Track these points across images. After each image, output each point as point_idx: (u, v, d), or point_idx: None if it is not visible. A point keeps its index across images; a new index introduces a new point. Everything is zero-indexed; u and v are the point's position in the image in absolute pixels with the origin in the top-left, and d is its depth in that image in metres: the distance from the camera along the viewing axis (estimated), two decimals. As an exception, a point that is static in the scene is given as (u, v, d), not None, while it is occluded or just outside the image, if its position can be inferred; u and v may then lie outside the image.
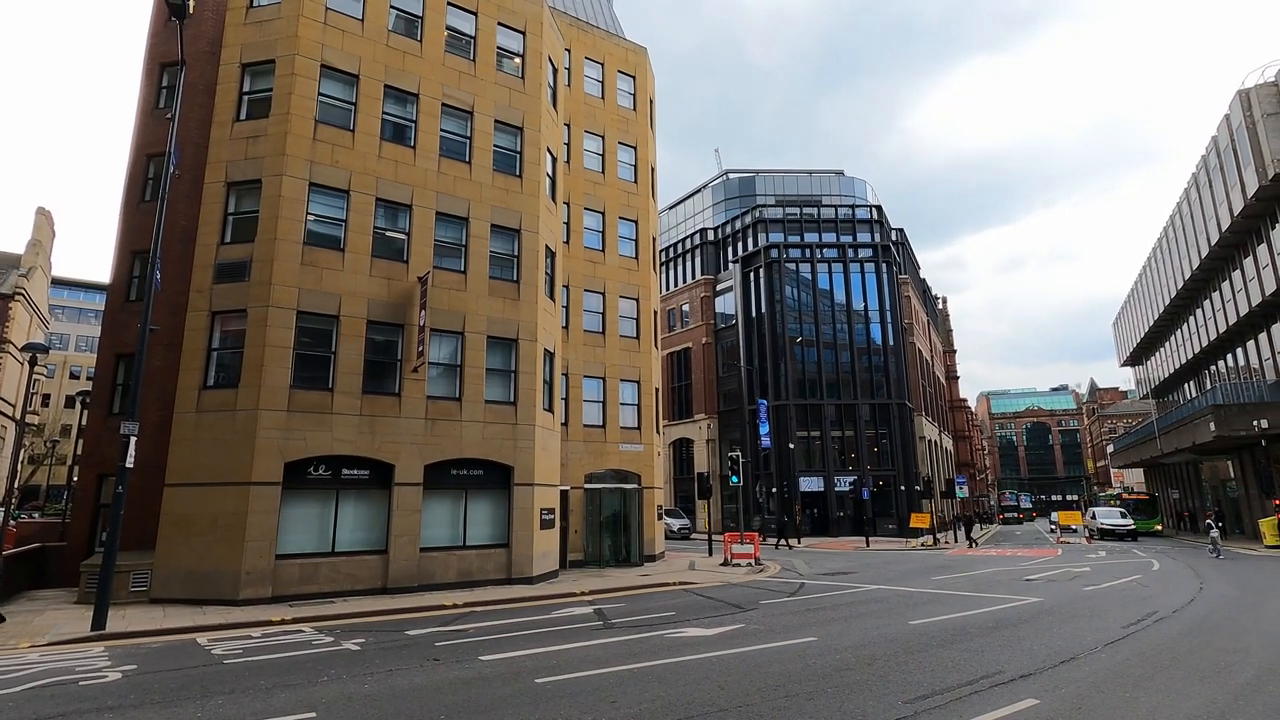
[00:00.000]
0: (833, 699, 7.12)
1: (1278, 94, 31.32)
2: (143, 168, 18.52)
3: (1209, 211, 38.82)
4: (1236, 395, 36.22)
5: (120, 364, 17.54)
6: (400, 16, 18.61)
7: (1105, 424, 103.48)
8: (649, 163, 27.46)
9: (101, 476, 16.89)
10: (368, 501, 16.14)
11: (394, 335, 17.01)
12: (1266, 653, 9.31)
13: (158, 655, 9.82)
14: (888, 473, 44.78)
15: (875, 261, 47.79)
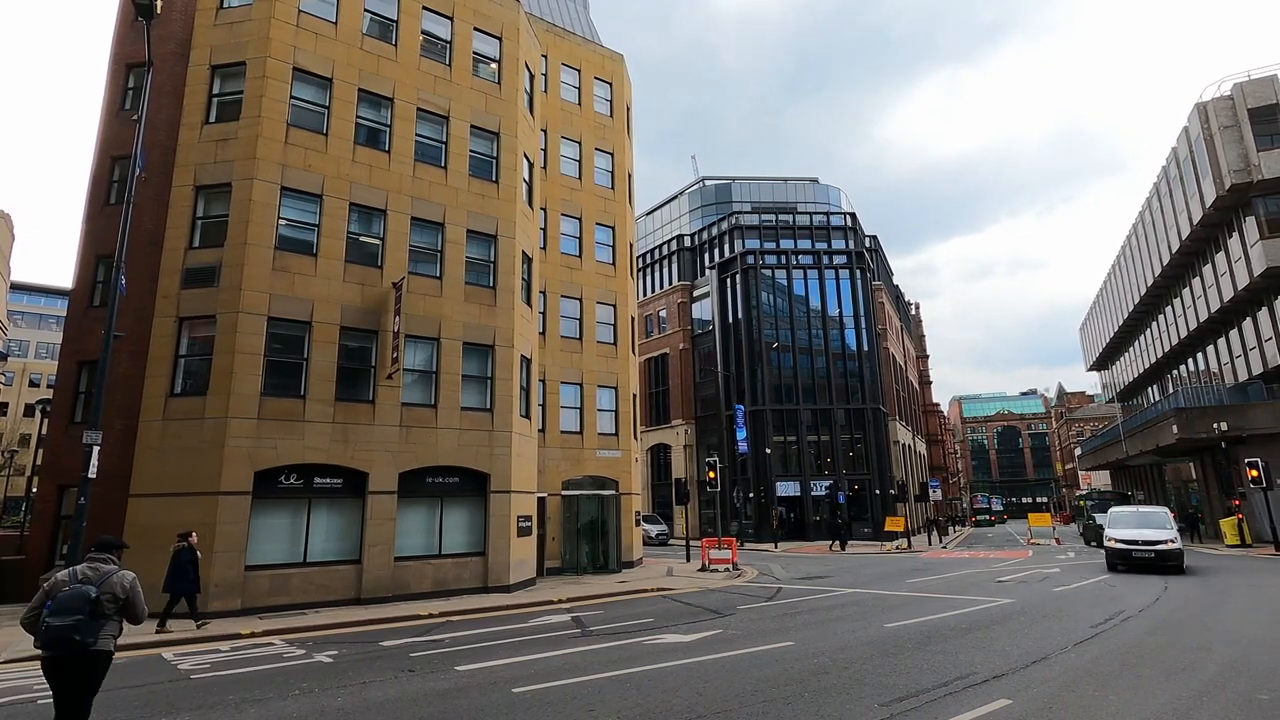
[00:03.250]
0: (810, 703, 7.15)
1: (1233, 108, 32.46)
2: (108, 170, 18.07)
3: (1170, 220, 40.04)
4: (1198, 399, 37.34)
5: (83, 371, 17.04)
6: (375, 20, 18.45)
7: (1073, 427, 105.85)
8: (626, 169, 27.52)
9: (62, 488, 16.37)
10: (341, 510, 15.88)
11: (368, 341, 16.80)
12: (1229, 650, 9.56)
13: (122, 671, 9.52)
14: (863, 477, 45.25)
15: (850, 268, 48.40)
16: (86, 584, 5.35)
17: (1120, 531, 20.94)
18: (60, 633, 5.13)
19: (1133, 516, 22.27)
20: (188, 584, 12.33)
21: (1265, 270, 30.81)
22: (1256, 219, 31.52)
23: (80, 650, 5.20)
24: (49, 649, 5.19)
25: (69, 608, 5.18)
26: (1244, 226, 32.83)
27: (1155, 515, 21.75)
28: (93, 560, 5.61)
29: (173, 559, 12.49)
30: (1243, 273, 33.08)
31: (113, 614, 5.43)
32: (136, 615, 5.62)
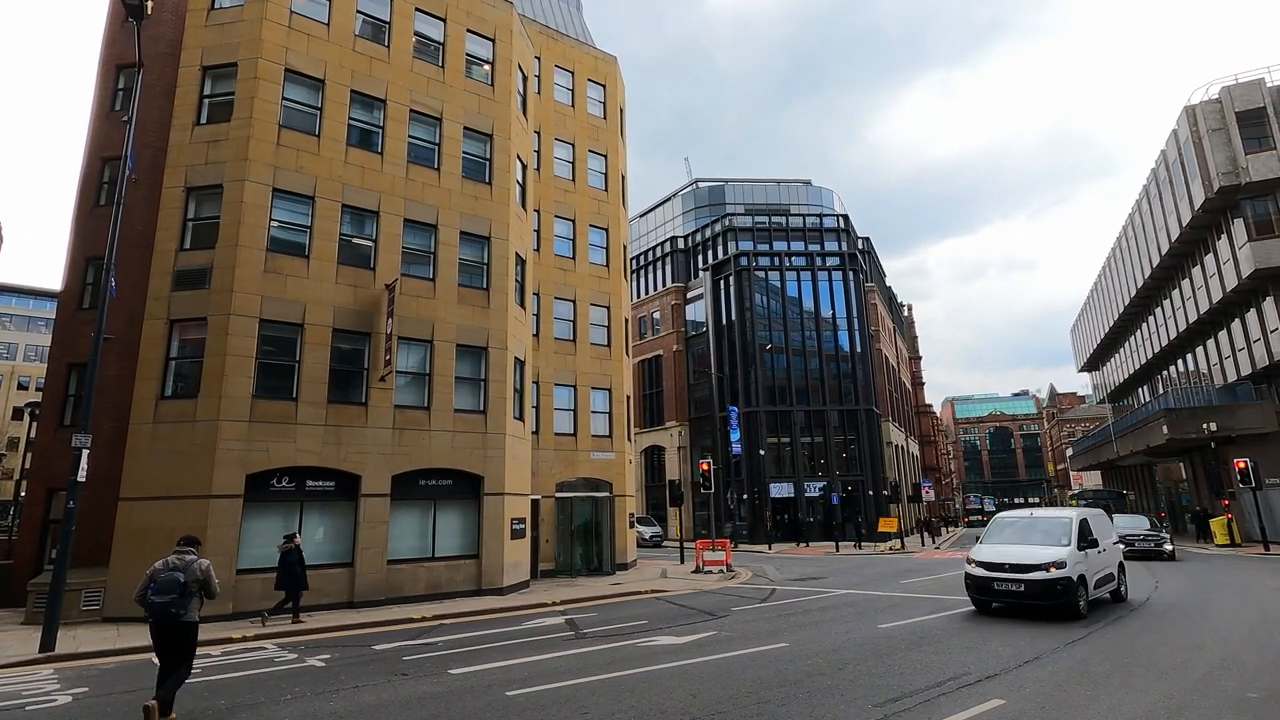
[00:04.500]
0: (805, 705, 7.15)
1: (1221, 111, 32.75)
2: (98, 171, 17.97)
3: (1160, 222, 40.35)
4: (1187, 399, 37.64)
5: (72, 374, 16.92)
6: (367, 21, 18.40)
7: (1064, 428, 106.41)
8: (619, 171, 27.53)
9: (51, 491, 16.25)
10: (333, 513, 15.80)
11: (360, 344, 16.73)
12: (1220, 648, 9.63)
13: (111, 677, 9.44)
14: (856, 478, 45.36)
15: (843, 270, 48.55)
16: (176, 571, 7.14)
17: (991, 550, 12.91)
18: (160, 607, 7.00)
19: (1019, 527, 13.71)
20: (295, 581, 13.28)
21: (1253, 272, 31.09)
22: (1245, 221, 31.81)
23: (174, 620, 7.05)
24: (152, 618, 7.07)
25: (165, 588, 7.04)
26: (1232, 228, 33.13)
27: (1052, 523, 13.16)
28: (179, 551, 7.36)
29: (281, 560, 13.35)
30: (1231, 274, 33.38)
31: (195, 592, 7.20)
32: (211, 592, 7.36)
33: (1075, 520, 12.93)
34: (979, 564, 12.76)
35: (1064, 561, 11.83)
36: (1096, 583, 12.70)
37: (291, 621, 13.26)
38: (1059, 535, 12.67)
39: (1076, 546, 12.23)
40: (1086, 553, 12.39)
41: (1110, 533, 14.37)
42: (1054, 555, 11.97)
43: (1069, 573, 11.72)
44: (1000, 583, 12.27)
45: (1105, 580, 13.28)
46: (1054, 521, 13.22)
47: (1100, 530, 13.61)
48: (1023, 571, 12.00)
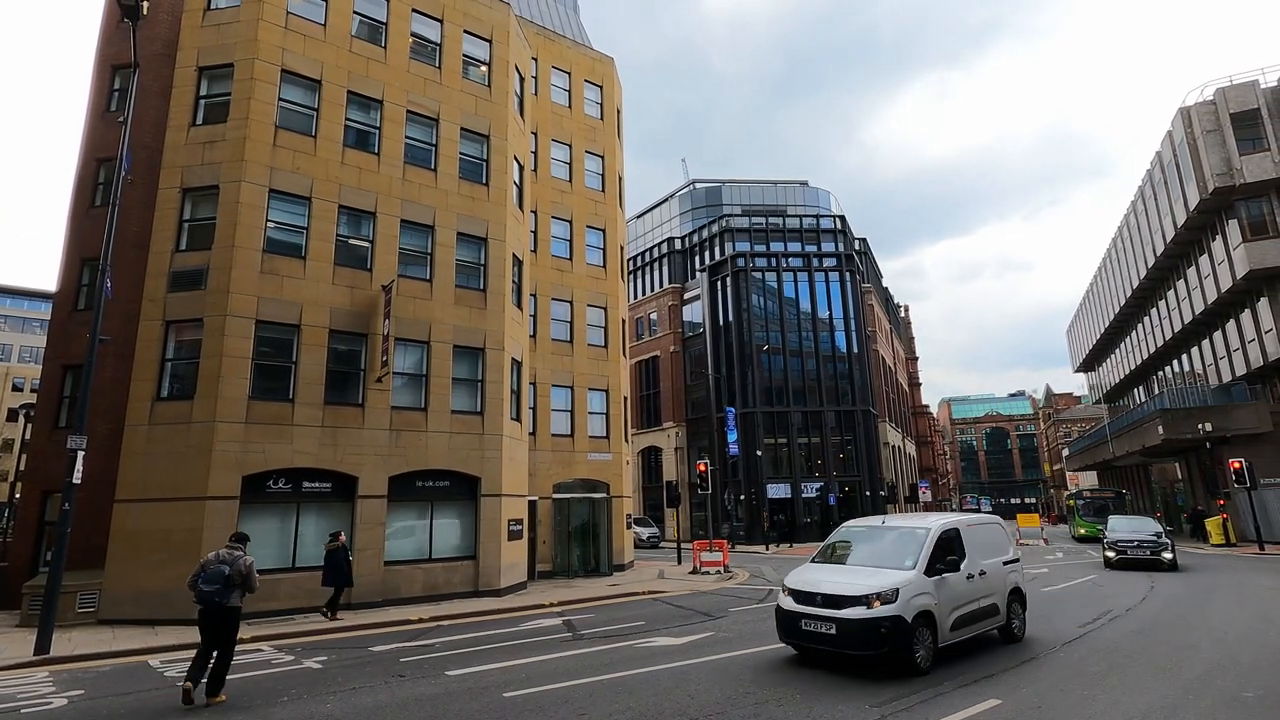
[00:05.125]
0: (802, 705, 7.16)
1: (1216, 112, 32.89)
2: (93, 172, 17.91)
3: (1155, 223, 40.51)
4: (1182, 400, 37.74)
5: (68, 375, 16.85)
6: (364, 22, 18.39)
7: (1060, 428, 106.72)
8: (616, 172, 27.54)
9: (46, 493, 16.18)
10: (330, 515, 15.76)
11: (357, 345, 16.70)
12: (1214, 648, 9.66)
13: (106, 679, 9.41)
14: (853, 478, 45.42)
15: (839, 270, 48.63)
16: (223, 564, 8.09)
17: (805, 575, 9.57)
18: (207, 595, 7.96)
19: (857, 542, 10.26)
20: (341, 577, 13.89)
21: (1248, 273, 31.23)
22: (1239, 222, 31.95)
23: (219, 606, 7.97)
24: (200, 604, 8.01)
25: (212, 579, 7.99)
26: (1227, 229, 33.27)
27: (901, 537, 9.71)
28: (230, 547, 8.33)
29: (328, 558, 13.97)
30: (1226, 275, 33.52)
31: (238, 584, 8.09)
32: (251, 586, 8.22)
33: (933, 533, 9.38)
34: (790, 592, 9.19)
35: (893, 592, 8.35)
36: (959, 621, 9.11)
37: (329, 618, 13.70)
38: (903, 554, 9.20)
39: (924, 570, 8.83)
40: (944, 578, 8.97)
41: (1004, 548, 10.78)
42: (881, 583, 8.51)
43: (898, 609, 8.22)
44: (809, 621, 8.65)
45: (980, 615, 9.63)
46: (904, 535, 9.70)
47: (979, 545, 10.06)
48: (836, 606, 8.48)
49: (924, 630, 8.54)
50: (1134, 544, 21.29)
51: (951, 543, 9.63)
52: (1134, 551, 21.17)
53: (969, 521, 10.33)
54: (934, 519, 10.08)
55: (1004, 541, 11.04)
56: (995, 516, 11.77)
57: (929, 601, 8.68)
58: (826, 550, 10.38)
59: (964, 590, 9.37)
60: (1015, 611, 10.57)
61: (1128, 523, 23.50)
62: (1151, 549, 20.95)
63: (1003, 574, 10.43)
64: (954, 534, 9.76)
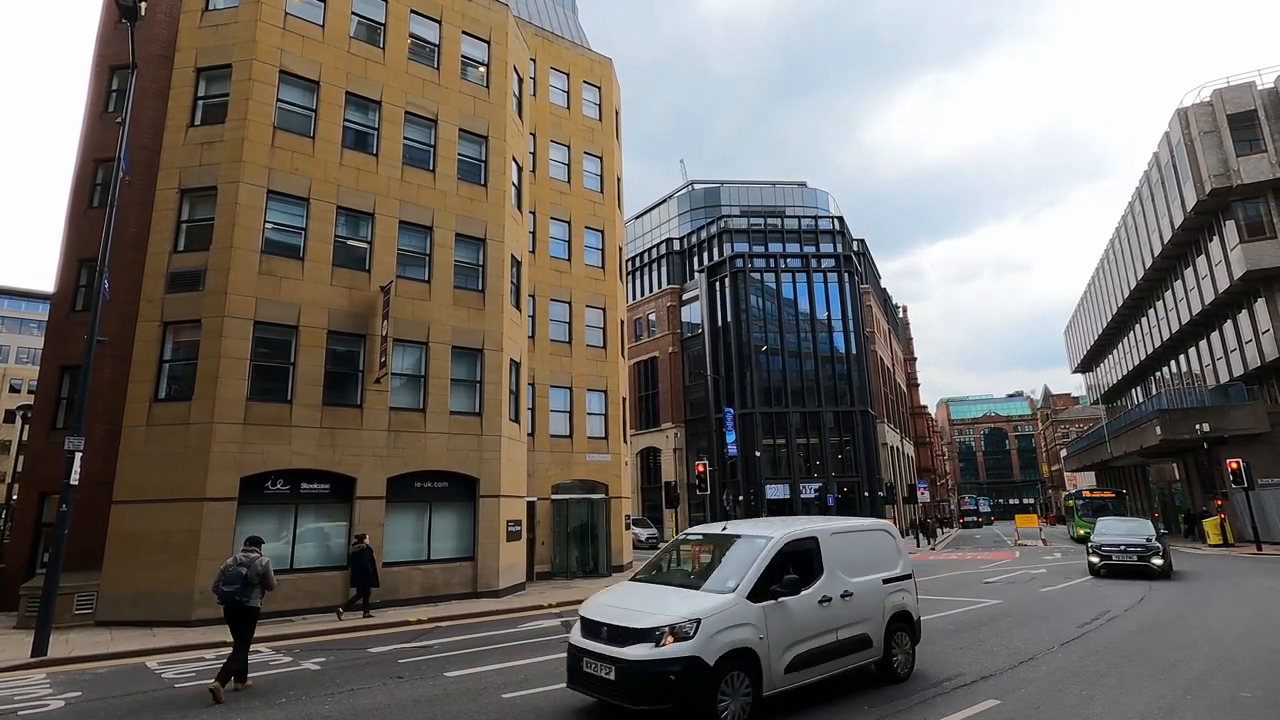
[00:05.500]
0: (800, 705, 7.15)
1: (1213, 113, 32.97)
2: (91, 173, 17.88)
3: (1152, 224, 40.59)
4: (1180, 400, 37.79)
5: (65, 376, 16.82)
6: (362, 23, 18.38)
7: (1059, 429, 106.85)
8: (615, 173, 27.55)
9: (44, 494, 16.15)
10: (328, 516, 15.75)
11: (356, 346, 16.69)
12: (1212, 649, 9.68)
13: (104, 681, 9.39)
14: (852, 479, 45.44)
15: (838, 271, 48.66)
16: (241, 566, 8.72)
17: (605, 601, 7.53)
18: (227, 595, 8.61)
19: (683, 556, 8.79)
20: (367, 578, 14.34)
21: (1245, 274, 31.29)
22: (1236, 223, 32.02)
23: (239, 605, 8.64)
24: (223, 604, 8.70)
25: (231, 580, 8.64)
26: (1224, 230, 33.34)
27: (741, 550, 7.59)
28: (246, 550, 8.96)
29: (353, 559, 14.45)
30: (1223, 276, 33.58)
31: (256, 584, 8.71)
32: (268, 584, 8.87)
33: (771, 545, 7.24)
34: (580, 622, 7.23)
35: (691, 625, 6.32)
36: (802, 658, 6.98)
37: (362, 616, 14.04)
38: (729, 573, 7.11)
39: (749, 594, 6.72)
40: (781, 604, 6.83)
41: (887, 562, 8.47)
42: (681, 612, 6.50)
43: (694, 649, 6.22)
44: (591, 661, 6.68)
45: (840, 650, 7.39)
46: (741, 547, 7.56)
47: (848, 559, 7.86)
48: (620, 642, 6.48)
49: (738, 676, 6.44)
50: (1120, 549, 19.22)
51: (802, 558, 7.50)
52: (1120, 557, 19.13)
53: (836, 529, 8.14)
54: (786, 525, 7.96)
55: (888, 554, 8.67)
56: (883, 522, 9.38)
57: (749, 636, 6.51)
58: (653, 565, 8.32)
59: (813, 619, 7.15)
60: (899, 643, 8.21)
61: (1117, 525, 21.15)
62: (1139, 554, 18.87)
63: (880, 595, 8.09)
64: (809, 546, 7.62)
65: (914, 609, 8.69)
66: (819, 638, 7.24)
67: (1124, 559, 19.09)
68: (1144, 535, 19.65)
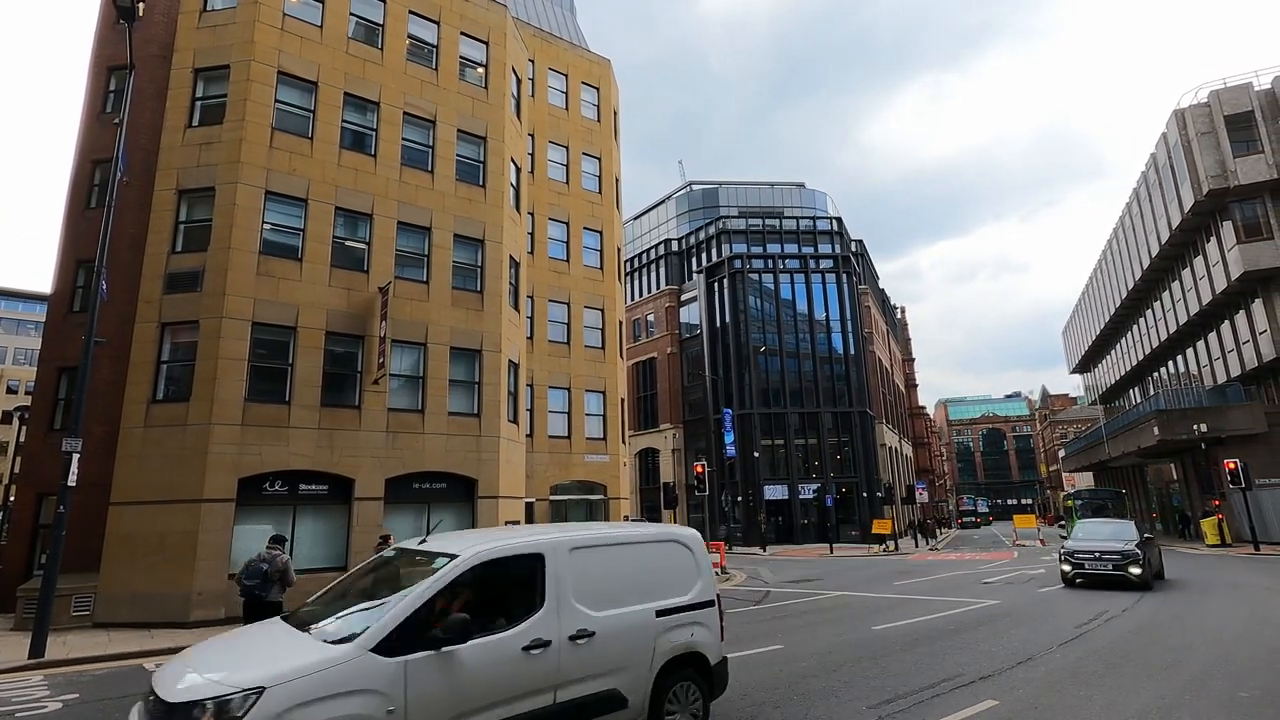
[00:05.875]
0: (799, 706, 7.16)
1: (1210, 115, 33.03)
2: (88, 173, 17.86)
3: (1150, 225, 40.65)
4: (1178, 400, 37.85)
5: (63, 377, 16.80)
6: (360, 24, 18.38)
7: (1057, 429, 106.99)
8: (613, 173, 27.56)
9: (41, 496, 16.11)
10: (327, 517, 15.72)
11: (354, 347, 16.68)
12: (1209, 649, 9.69)
13: (102, 683, 9.37)
14: (850, 480, 45.46)
15: (836, 272, 48.71)
16: (263, 562, 9.54)
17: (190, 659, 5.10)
18: (248, 589, 9.44)
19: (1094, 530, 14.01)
20: None
21: (1242, 274, 31.35)
22: (1233, 224, 32.08)
23: (259, 599, 9.40)
24: (243, 597, 9.55)
25: (252, 575, 9.50)
26: (1221, 231, 33.41)
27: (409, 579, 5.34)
28: (269, 548, 9.88)
29: None
30: (1220, 276, 33.65)
31: (275, 579, 9.53)
32: (288, 581, 9.71)
33: (451, 568, 5.08)
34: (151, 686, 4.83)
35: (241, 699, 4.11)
36: None
37: None
38: (371, 612, 4.99)
39: (383, 642, 4.56)
40: (447, 654, 4.69)
41: (673, 584, 6.25)
42: (243, 678, 4.28)
43: None
44: None
45: (563, 713, 5.17)
46: (420, 569, 5.42)
47: (599, 584, 5.71)
48: None
49: None
50: (1093, 555, 16.87)
51: (512, 584, 5.42)
52: (1094, 565, 16.73)
53: (578, 541, 5.82)
54: (495, 538, 5.69)
55: (675, 575, 6.38)
56: (677, 530, 6.87)
57: (367, 710, 4.33)
58: (338, 592, 5.83)
59: (510, 675, 4.98)
60: (680, 699, 5.97)
61: (1098, 528, 18.72)
62: (1115, 563, 16.41)
63: (648, 633, 5.85)
64: (526, 567, 5.44)
65: (712, 648, 6.33)
66: (517, 703, 4.95)
67: (1098, 568, 16.68)
68: (1125, 540, 17.15)
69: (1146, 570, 16.38)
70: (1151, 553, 17.54)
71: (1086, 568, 16.87)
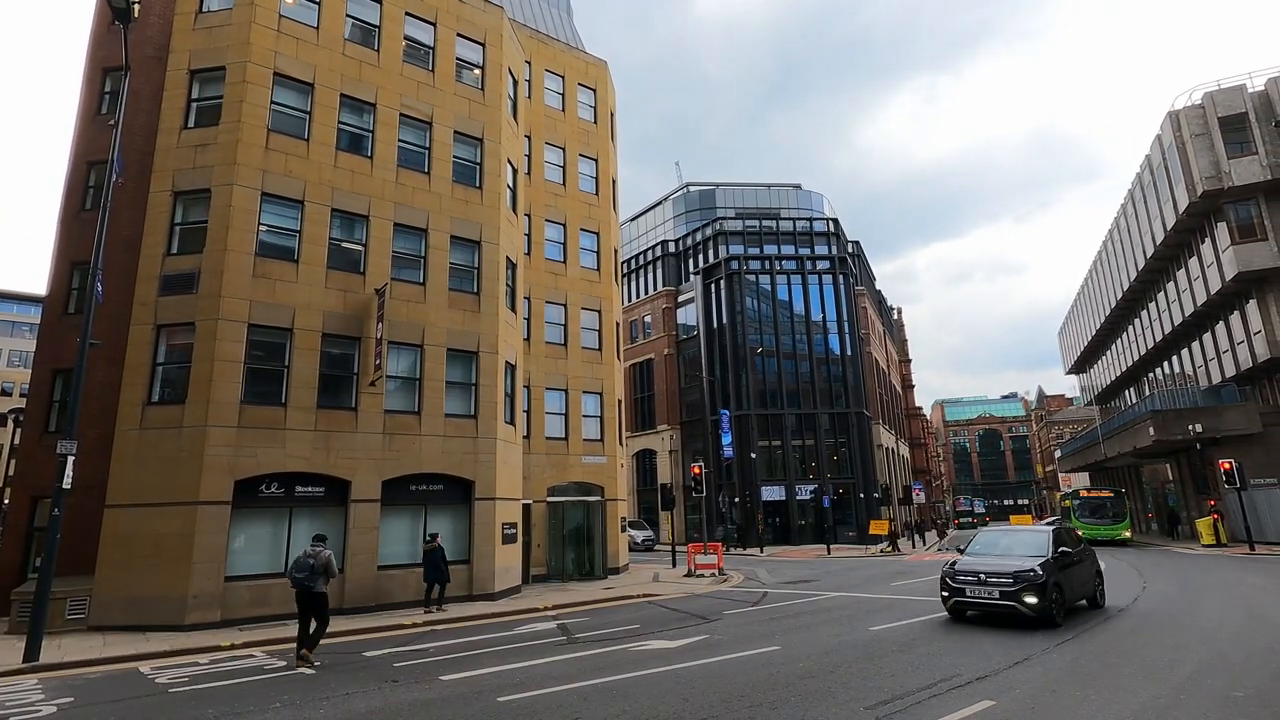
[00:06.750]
0: (797, 708, 7.16)
1: (1204, 116, 33.17)
2: (83, 175, 17.80)
3: (1145, 226, 40.79)
4: (1173, 401, 37.96)
5: (57, 380, 16.72)
6: (357, 25, 18.36)
7: (1053, 430, 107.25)
8: (610, 175, 27.56)
9: (36, 498, 16.03)
10: (323, 519, 15.67)
11: (350, 348, 16.65)
12: (1205, 648, 9.72)
13: (97, 686, 9.33)
14: (847, 481, 45.49)
15: (833, 273, 48.77)
16: (310, 557, 10.46)
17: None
18: (299, 581, 10.41)
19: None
20: (440, 575, 15.28)
21: (1237, 275, 31.47)
22: (1228, 225, 32.21)
23: (308, 589, 10.39)
24: (295, 588, 10.50)
25: (301, 568, 10.44)
26: (1216, 232, 33.54)
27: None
28: (314, 544, 10.72)
29: (426, 557, 15.39)
30: (1215, 277, 33.77)
31: (321, 572, 10.42)
32: (331, 573, 10.60)
33: None
34: None
35: None
36: None
37: (437, 610, 15.06)
38: None
39: None
40: None
41: None
42: None
43: None
44: None
45: None
46: None
47: None
48: None
49: None
50: (976, 579, 11.89)
51: None
52: (975, 591, 11.82)
53: None
54: None
55: None
56: None
57: None
58: None
59: None
60: None
61: (998, 539, 13.72)
62: (1004, 588, 11.46)
63: None
64: None
65: None
66: None
67: (980, 594, 11.72)
68: (1030, 554, 12.26)
69: (1050, 600, 11.23)
70: (1074, 574, 12.64)
71: (967, 594, 11.89)
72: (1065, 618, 11.92)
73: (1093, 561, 13.99)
